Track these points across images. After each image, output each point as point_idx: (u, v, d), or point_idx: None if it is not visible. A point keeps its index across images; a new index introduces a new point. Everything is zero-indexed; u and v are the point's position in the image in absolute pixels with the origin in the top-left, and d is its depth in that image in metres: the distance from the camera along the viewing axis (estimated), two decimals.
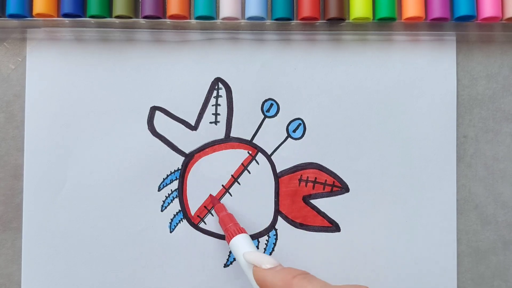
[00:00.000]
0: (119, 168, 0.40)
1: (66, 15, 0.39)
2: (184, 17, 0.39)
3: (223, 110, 0.40)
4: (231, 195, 0.40)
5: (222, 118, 0.40)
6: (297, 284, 0.29)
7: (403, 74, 0.40)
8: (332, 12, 0.38)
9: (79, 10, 0.38)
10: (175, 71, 0.40)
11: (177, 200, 0.40)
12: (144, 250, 0.40)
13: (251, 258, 0.33)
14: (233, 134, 0.40)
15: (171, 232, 0.40)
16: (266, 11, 0.39)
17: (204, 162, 0.40)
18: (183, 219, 0.40)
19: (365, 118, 0.40)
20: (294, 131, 0.40)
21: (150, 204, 0.40)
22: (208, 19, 0.39)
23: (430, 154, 0.40)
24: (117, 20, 0.39)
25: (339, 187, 0.40)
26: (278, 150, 0.40)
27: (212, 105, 0.40)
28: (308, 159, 0.40)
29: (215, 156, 0.40)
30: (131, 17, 0.39)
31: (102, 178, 0.40)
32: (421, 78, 0.40)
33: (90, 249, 0.40)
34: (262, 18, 0.39)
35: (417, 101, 0.40)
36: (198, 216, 0.40)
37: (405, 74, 0.40)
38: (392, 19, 0.39)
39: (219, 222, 0.38)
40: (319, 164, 0.40)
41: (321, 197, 0.40)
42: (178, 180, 0.40)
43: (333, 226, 0.40)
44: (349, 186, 0.40)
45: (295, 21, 0.39)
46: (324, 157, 0.40)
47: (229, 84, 0.40)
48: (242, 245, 0.35)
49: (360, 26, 0.40)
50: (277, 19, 0.39)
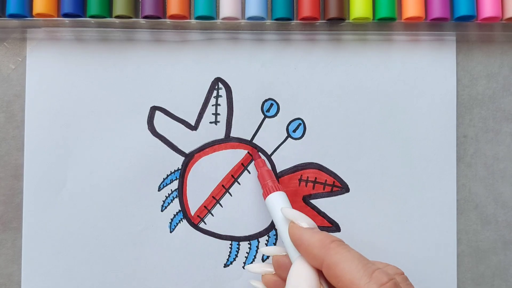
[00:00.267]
0: (119, 168, 0.40)
1: (66, 15, 0.39)
2: (184, 17, 0.39)
3: (223, 110, 0.40)
4: (231, 195, 0.40)
5: (222, 118, 0.40)
6: (335, 248, 0.29)
7: (403, 74, 0.40)
8: (332, 12, 0.38)
9: (79, 10, 0.38)
10: (175, 71, 0.40)
11: (177, 200, 0.40)
12: (144, 250, 0.40)
13: (290, 213, 0.33)
14: (233, 134, 0.40)
15: (171, 232, 0.40)
16: (266, 11, 0.39)
17: (204, 162, 0.40)
18: (183, 219, 0.40)
19: (365, 118, 0.40)
20: (294, 131, 0.40)
21: (150, 204, 0.40)
22: (208, 19, 0.39)
23: (430, 154, 0.40)
24: (117, 20, 0.39)
25: (339, 187, 0.40)
26: (278, 150, 0.40)
27: (212, 105, 0.40)
28: (308, 159, 0.40)
29: (215, 156, 0.40)
30: (131, 17, 0.39)
31: (102, 178, 0.40)
32: (421, 78, 0.40)
33: (90, 249, 0.40)
34: (262, 18, 0.39)
35: (417, 101, 0.40)
36: (198, 216, 0.40)
37: (405, 74, 0.40)
38: (392, 19, 0.39)
39: (257, 176, 0.38)
40: (319, 164, 0.40)
41: (321, 197, 0.40)
42: (178, 180, 0.40)
43: (333, 226, 0.40)
44: (349, 186, 0.40)
45: (295, 21, 0.39)
46: (324, 157, 0.40)
47: (229, 84, 0.40)
48: (280, 202, 0.35)
49: (360, 26, 0.40)
50: (277, 19, 0.39)
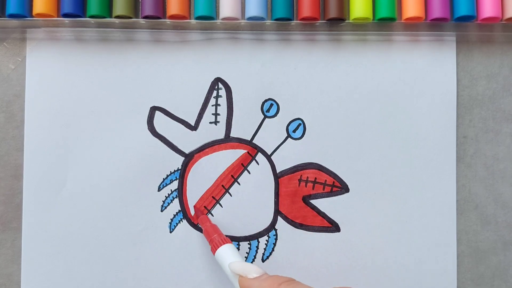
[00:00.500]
0: (119, 168, 0.40)
1: (66, 15, 0.39)
2: (184, 17, 0.39)
3: (223, 110, 0.40)
4: (231, 195, 0.40)
5: (222, 118, 0.40)
6: None
7: (403, 74, 0.40)
8: (332, 12, 0.38)
9: (79, 10, 0.38)
10: (175, 71, 0.40)
11: (177, 200, 0.40)
12: (144, 250, 0.40)
13: (236, 268, 0.33)
14: (233, 134, 0.40)
15: (171, 232, 0.40)
16: (266, 11, 0.39)
17: (204, 162, 0.40)
18: (183, 219, 0.40)
19: (365, 118, 0.40)
20: (294, 131, 0.40)
21: (150, 204, 0.40)
22: (208, 19, 0.39)
23: (430, 154, 0.40)
24: (117, 20, 0.39)
25: (339, 187, 0.40)
26: (278, 150, 0.40)
27: (212, 105, 0.40)
28: (308, 159, 0.40)
29: (215, 156, 0.40)
30: (131, 17, 0.39)
31: (102, 178, 0.40)
32: (421, 78, 0.40)
33: (90, 249, 0.40)
34: (262, 18, 0.39)
35: (417, 101, 0.40)
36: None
37: (405, 74, 0.40)
38: (392, 19, 0.39)
39: (203, 233, 0.38)
40: (319, 164, 0.40)
41: (321, 197, 0.40)
42: (178, 180, 0.40)
43: (333, 226, 0.40)
44: (349, 186, 0.40)
45: (295, 21, 0.39)
46: (324, 157, 0.40)
47: (229, 84, 0.40)
48: (228, 255, 0.35)
49: (360, 26, 0.40)
50: (277, 19, 0.39)
